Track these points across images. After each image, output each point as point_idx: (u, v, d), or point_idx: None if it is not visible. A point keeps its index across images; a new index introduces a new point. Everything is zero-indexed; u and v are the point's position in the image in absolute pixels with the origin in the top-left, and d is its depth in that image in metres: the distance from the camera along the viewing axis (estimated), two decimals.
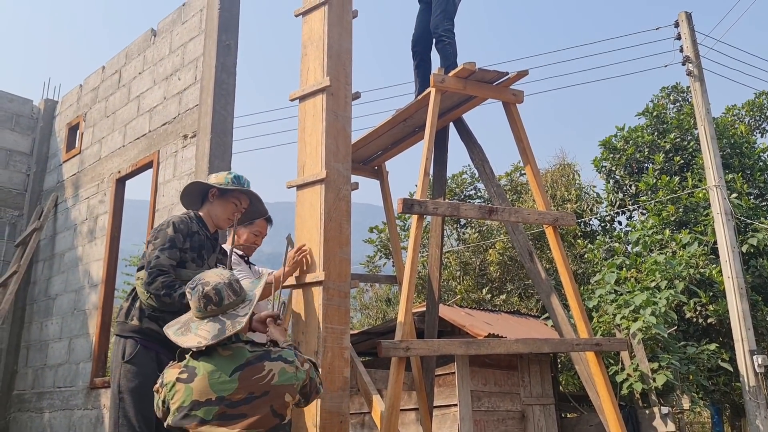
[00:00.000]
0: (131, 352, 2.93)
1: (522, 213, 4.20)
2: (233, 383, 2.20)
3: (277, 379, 2.25)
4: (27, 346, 7.82)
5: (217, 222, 3.34)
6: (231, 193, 3.31)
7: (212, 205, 3.31)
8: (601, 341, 3.81)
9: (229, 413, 2.17)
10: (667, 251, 10.22)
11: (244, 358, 2.27)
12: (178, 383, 2.23)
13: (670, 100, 14.67)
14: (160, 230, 3.07)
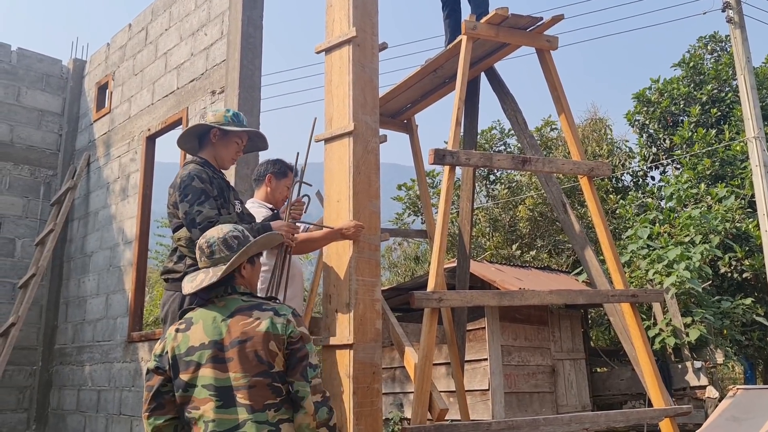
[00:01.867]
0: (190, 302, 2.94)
1: (556, 163, 4.11)
2: (224, 328, 2.32)
3: (263, 327, 2.32)
4: (66, 302, 8.03)
5: (221, 163, 3.31)
6: (233, 133, 3.26)
7: (215, 146, 3.26)
8: (637, 292, 3.75)
9: (219, 356, 2.27)
10: (702, 205, 10.01)
11: (235, 306, 2.38)
12: (177, 333, 2.34)
13: (708, 50, 14.17)
14: (185, 186, 3.02)
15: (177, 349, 2.30)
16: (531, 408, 7.97)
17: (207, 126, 3.22)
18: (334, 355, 3.80)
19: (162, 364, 2.31)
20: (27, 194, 8.34)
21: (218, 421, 2.20)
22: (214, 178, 3.16)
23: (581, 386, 8.64)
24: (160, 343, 2.37)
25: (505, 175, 13.76)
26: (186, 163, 3.22)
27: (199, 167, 3.11)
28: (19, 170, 8.33)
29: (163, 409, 2.29)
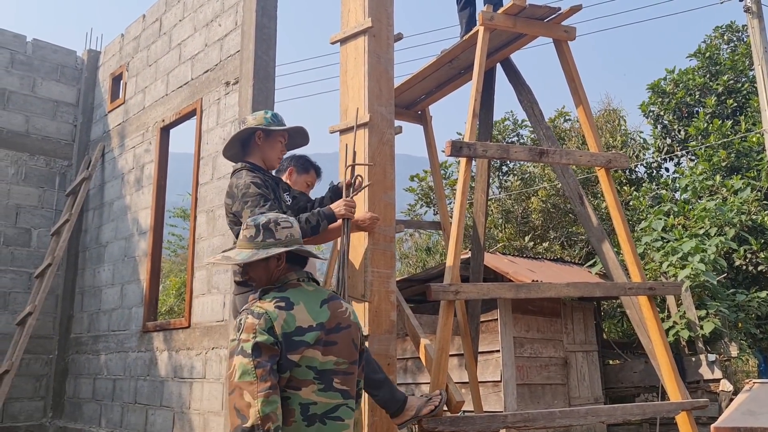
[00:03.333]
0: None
1: (573, 155, 4.08)
2: (326, 312, 2.31)
3: (353, 318, 2.40)
4: (81, 291, 8.10)
5: (269, 164, 3.42)
6: (277, 132, 3.36)
7: (261, 148, 3.37)
8: (655, 285, 3.73)
9: (326, 339, 2.26)
10: (717, 197, 9.92)
11: (326, 293, 2.40)
12: (280, 311, 2.23)
13: (724, 40, 14.00)
14: (243, 194, 3.12)
15: (285, 327, 2.19)
16: (543, 400, 7.97)
17: (251, 129, 3.31)
18: None
19: (275, 339, 2.16)
20: (42, 185, 8.40)
21: (320, 404, 2.21)
22: (267, 180, 3.27)
23: (594, 378, 8.62)
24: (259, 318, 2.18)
25: (517, 166, 13.69)
26: (236, 171, 3.31)
27: (251, 173, 3.22)
28: (34, 161, 8.39)
29: (277, 389, 2.13)
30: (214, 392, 5.52)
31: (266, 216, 2.42)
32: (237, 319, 2.23)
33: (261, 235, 2.37)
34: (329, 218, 3.25)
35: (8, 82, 8.29)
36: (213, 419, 5.46)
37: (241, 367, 2.08)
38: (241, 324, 2.18)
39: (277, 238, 2.37)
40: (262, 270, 2.39)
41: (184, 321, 6.07)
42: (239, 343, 2.14)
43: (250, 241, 2.38)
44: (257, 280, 2.41)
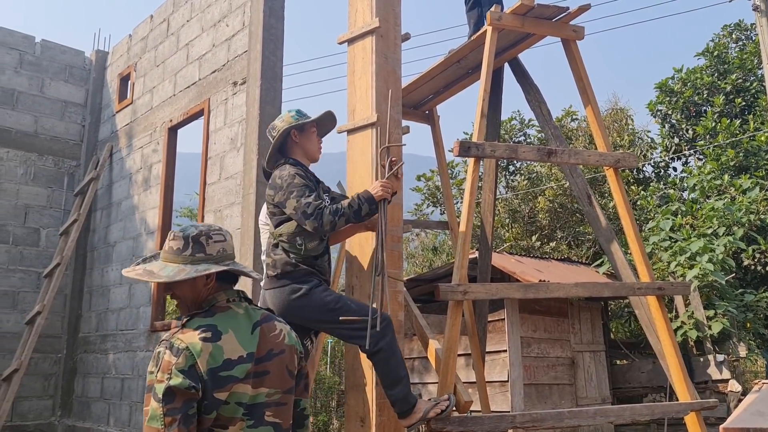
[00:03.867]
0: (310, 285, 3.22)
1: (582, 154, 4.07)
2: (255, 338, 2.05)
3: (288, 340, 2.14)
4: (90, 291, 8.13)
5: (312, 156, 3.51)
6: (308, 125, 3.45)
7: (299, 144, 3.44)
8: (664, 285, 3.71)
9: (256, 371, 2.01)
10: (725, 197, 9.87)
11: (259, 315, 2.12)
12: (205, 343, 1.93)
13: (732, 39, 13.94)
14: (289, 184, 3.21)
15: (211, 362, 1.92)
16: (550, 400, 7.95)
17: (285, 132, 3.38)
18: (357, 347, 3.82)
19: (194, 381, 1.87)
20: (51, 185, 8.45)
21: None
22: (309, 176, 3.35)
23: (601, 378, 8.60)
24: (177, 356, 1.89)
25: (524, 166, 13.66)
26: (280, 164, 3.38)
27: (294, 167, 3.31)
28: (43, 161, 8.43)
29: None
30: None
31: (197, 227, 2.12)
32: (156, 350, 1.95)
33: (190, 249, 2.06)
34: (369, 201, 3.28)
35: (17, 83, 8.34)
36: None
37: (151, 412, 1.85)
38: (159, 360, 1.90)
39: (208, 254, 2.07)
40: (188, 289, 2.08)
41: None
42: (154, 382, 1.88)
43: (176, 254, 2.06)
44: (182, 299, 2.10)
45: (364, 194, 3.30)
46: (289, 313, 3.20)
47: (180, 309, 2.13)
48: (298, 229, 3.22)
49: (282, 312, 3.20)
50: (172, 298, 2.16)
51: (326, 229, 3.16)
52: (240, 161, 5.82)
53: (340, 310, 3.21)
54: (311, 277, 3.26)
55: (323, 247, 3.34)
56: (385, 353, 3.17)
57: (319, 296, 3.22)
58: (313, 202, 3.15)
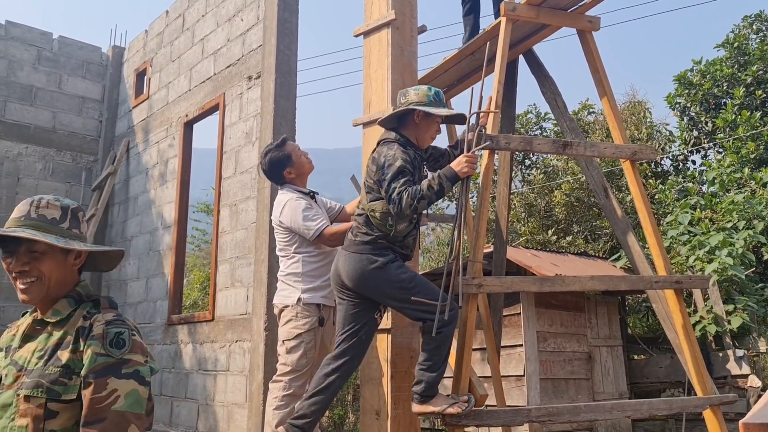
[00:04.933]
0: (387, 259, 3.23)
1: (598, 147, 4.03)
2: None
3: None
4: (108, 285, 8.21)
5: (421, 143, 3.47)
6: (437, 116, 3.39)
7: (418, 126, 3.40)
8: (682, 279, 3.67)
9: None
10: (745, 190, 9.73)
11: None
12: None
13: (753, 30, 13.69)
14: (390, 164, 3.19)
15: None
16: (567, 395, 7.90)
17: (411, 108, 3.33)
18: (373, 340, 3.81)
19: None
20: (69, 180, 8.53)
21: None
22: (415, 160, 3.31)
23: (618, 373, 8.53)
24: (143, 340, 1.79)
25: (540, 159, 13.57)
26: (389, 140, 3.35)
27: (402, 148, 3.27)
28: (61, 156, 8.52)
29: None
30: (237, 385, 5.57)
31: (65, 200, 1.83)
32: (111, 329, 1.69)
33: (68, 222, 1.79)
34: (452, 179, 3.21)
35: (35, 79, 8.42)
36: (237, 411, 5.51)
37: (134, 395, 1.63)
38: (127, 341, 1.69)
39: (82, 231, 1.82)
40: (58, 267, 1.76)
41: (208, 314, 6.12)
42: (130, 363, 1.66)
43: (52, 224, 1.75)
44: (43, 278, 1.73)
45: (447, 172, 3.21)
46: (361, 282, 3.25)
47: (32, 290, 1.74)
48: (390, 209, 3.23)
49: (353, 278, 3.25)
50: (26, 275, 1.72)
51: (406, 213, 3.13)
52: (255, 155, 5.84)
53: (413, 290, 3.20)
54: (390, 252, 3.26)
55: (410, 229, 3.32)
56: (442, 339, 3.17)
57: (395, 272, 3.22)
58: (399, 188, 3.12)
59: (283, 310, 3.96)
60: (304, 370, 3.85)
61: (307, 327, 3.84)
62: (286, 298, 3.94)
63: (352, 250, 3.30)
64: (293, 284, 3.93)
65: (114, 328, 1.71)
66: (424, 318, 3.19)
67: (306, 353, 3.83)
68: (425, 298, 3.18)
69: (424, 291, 3.20)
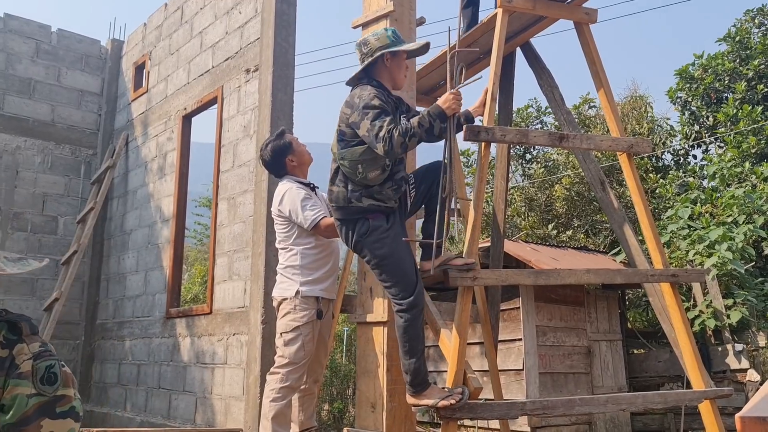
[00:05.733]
0: (367, 228, 3.25)
1: (594, 140, 4.01)
2: None
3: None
4: (107, 278, 8.22)
5: (396, 84, 3.47)
6: (401, 53, 3.41)
7: (389, 69, 3.40)
8: (678, 272, 3.66)
9: None
10: (746, 185, 9.70)
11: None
12: None
13: (755, 24, 13.63)
14: (365, 105, 3.15)
15: None
16: (566, 389, 7.90)
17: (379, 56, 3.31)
18: (369, 332, 3.82)
19: None
20: (68, 173, 8.53)
21: None
22: (389, 100, 3.29)
23: (618, 367, 8.53)
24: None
25: (541, 153, 13.54)
26: (360, 86, 3.33)
27: (376, 89, 3.25)
28: (60, 149, 8.52)
29: None
30: (235, 378, 5.58)
31: None
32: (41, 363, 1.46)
33: None
34: (440, 117, 3.19)
35: (34, 72, 8.41)
36: (234, 404, 5.52)
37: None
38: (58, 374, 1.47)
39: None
40: None
41: (206, 307, 6.13)
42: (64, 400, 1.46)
43: None
44: None
45: (434, 110, 3.19)
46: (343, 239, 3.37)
47: None
48: (362, 157, 3.18)
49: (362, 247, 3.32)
50: None
51: (398, 151, 3.09)
52: (253, 149, 5.83)
53: (383, 268, 3.23)
54: (365, 216, 3.25)
55: (384, 177, 3.25)
56: (412, 316, 3.19)
57: (369, 247, 3.25)
58: (386, 126, 3.08)
59: (281, 302, 3.96)
60: (301, 363, 3.85)
61: (306, 320, 3.85)
62: (285, 290, 3.95)
63: (342, 215, 3.32)
64: (292, 277, 3.93)
65: (44, 361, 1.46)
66: (394, 295, 3.23)
67: (304, 346, 3.83)
68: (395, 282, 3.21)
69: (393, 275, 3.22)
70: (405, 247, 3.30)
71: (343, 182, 3.28)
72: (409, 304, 3.18)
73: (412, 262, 3.32)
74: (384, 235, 3.23)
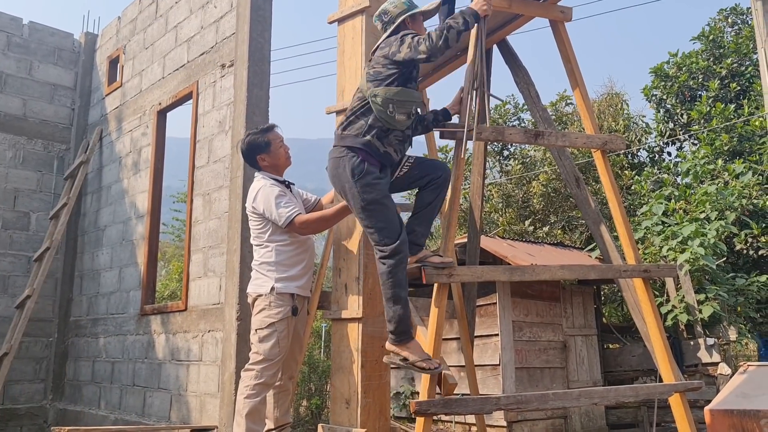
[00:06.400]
0: (362, 170, 3.33)
1: (569, 137, 4.04)
2: None
3: None
4: (80, 275, 8.11)
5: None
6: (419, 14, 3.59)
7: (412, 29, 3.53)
8: (650, 267, 3.70)
9: None
10: (718, 182, 9.87)
11: None
12: None
13: (728, 23, 13.86)
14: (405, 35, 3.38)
15: None
16: (542, 383, 7.98)
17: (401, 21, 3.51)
18: (343, 328, 3.82)
19: None
20: (41, 168, 8.39)
21: None
22: None
23: (593, 362, 8.63)
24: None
25: (518, 150, 13.63)
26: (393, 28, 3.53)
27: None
28: (32, 144, 8.37)
29: None
30: (210, 374, 5.54)
31: None
32: None
33: None
34: (475, 16, 3.42)
35: (5, 65, 8.25)
36: (209, 401, 5.48)
37: None
38: None
39: None
40: None
41: (181, 304, 6.08)
42: None
43: None
44: None
45: (467, 10, 3.40)
46: (335, 181, 3.43)
47: None
48: (395, 96, 3.31)
49: (331, 175, 3.45)
50: None
51: (440, 45, 3.23)
52: (228, 144, 5.78)
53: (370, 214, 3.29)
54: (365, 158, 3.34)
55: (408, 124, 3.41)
56: (395, 262, 3.23)
57: (362, 188, 3.31)
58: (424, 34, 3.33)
59: (256, 299, 3.95)
60: (276, 359, 3.84)
61: (280, 316, 3.84)
62: (260, 287, 3.93)
63: (338, 143, 3.42)
64: (266, 273, 3.92)
65: None
66: (371, 240, 3.32)
67: (278, 342, 3.82)
68: (377, 231, 3.28)
69: (379, 220, 3.29)
70: (391, 199, 3.42)
71: (366, 117, 3.39)
72: (392, 250, 3.24)
73: (397, 214, 3.41)
74: (375, 182, 3.33)
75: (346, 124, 3.44)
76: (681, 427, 3.50)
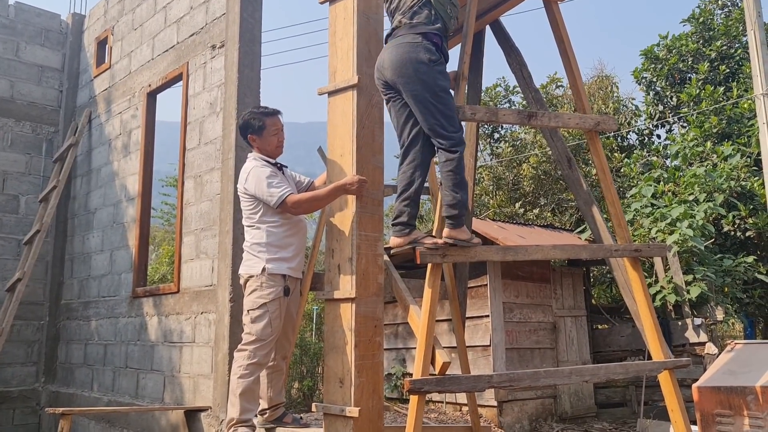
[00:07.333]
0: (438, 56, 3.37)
1: (562, 117, 4.05)
2: None
3: None
4: (71, 258, 8.08)
5: None
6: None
7: None
8: (640, 247, 3.74)
9: None
10: (707, 164, 9.94)
11: None
12: None
13: (719, 5, 13.87)
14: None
15: None
16: (532, 363, 8.06)
17: None
18: (336, 309, 3.84)
19: None
20: (29, 151, 8.32)
21: None
22: None
23: (582, 342, 8.72)
24: None
25: (509, 132, 13.65)
26: None
27: None
28: (20, 127, 8.29)
29: None
30: (203, 356, 5.56)
31: None
32: None
33: None
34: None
35: None
36: (203, 382, 5.51)
37: None
38: None
39: None
40: None
41: (173, 286, 6.08)
42: None
43: None
44: None
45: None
46: (402, 70, 3.35)
47: None
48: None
49: (396, 65, 3.37)
50: None
51: None
52: (219, 126, 5.76)
53: (440, 101, 3.32)
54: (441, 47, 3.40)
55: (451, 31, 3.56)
56: (462, 150, 3.34)
57: (436, 74, 3.33)
58: None
59: (248, 280, 3.97)
60: (268, 339, 3.87)
61: (272, 296, 3.87)
62: (251, 268, 3.95)
63: (409, 32, 3.39)
64: (258, 254, 3.94)
65: None
66: (435, 132, 3.33)
67: (271, 323, 3.85)
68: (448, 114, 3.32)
69: (449, 108, 3.33)
70: None
71: (428, 7, 3.42)
72: (460, 138, 3.34)
73: None
74: (443, 68, 3.38)
75: (412, 14, 3.43)
76: (670, 403, 3.56)
